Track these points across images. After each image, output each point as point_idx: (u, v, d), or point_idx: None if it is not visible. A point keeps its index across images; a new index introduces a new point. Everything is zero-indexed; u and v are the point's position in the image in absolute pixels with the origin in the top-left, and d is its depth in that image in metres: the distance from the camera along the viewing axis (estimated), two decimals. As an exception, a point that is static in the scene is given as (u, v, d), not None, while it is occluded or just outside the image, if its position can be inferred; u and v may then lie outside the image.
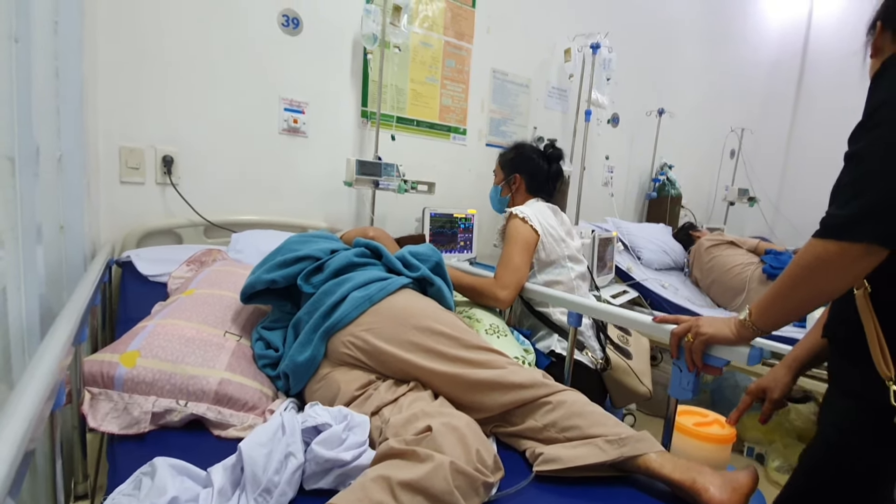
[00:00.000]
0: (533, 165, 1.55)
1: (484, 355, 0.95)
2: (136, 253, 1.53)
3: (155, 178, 1.65)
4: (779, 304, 0.77)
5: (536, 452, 0.86)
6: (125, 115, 1.58)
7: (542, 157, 1.57)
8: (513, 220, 1.43)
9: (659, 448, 0.82)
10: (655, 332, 1.02)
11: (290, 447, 0.73)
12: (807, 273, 0.71)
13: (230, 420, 0.89)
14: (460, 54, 2.39)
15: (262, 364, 1.00)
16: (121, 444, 0.82)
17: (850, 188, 0.66)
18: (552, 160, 1.57)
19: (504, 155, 1.63)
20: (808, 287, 0.72)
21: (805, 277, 0.72)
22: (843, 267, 0.67)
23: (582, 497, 0.79)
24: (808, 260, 0.70)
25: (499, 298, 1.32)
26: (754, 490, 0.77)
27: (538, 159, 1.56)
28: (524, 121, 2.75)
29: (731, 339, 0.86)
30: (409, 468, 0.66)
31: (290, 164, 1.93)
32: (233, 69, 1.75)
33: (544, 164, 1.56)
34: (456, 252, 2.24)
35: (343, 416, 0.81)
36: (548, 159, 1.57)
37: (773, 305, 0.78)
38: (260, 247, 1.47)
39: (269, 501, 0.69)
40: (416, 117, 2.27)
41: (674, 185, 3.47)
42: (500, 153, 1.65)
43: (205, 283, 1.17)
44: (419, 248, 1.19)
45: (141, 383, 0.87)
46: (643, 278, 2.44)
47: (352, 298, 0.98)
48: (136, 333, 0.96)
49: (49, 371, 0.59)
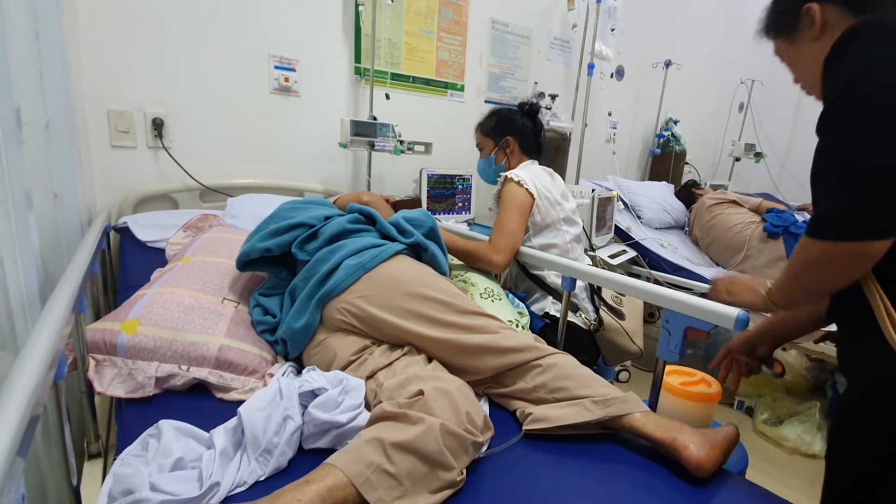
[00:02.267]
0: (519, 124, 1.52)
1: (477, 320, 0.97)
2: (133, 219, 1.54)
3: (146, 141, 1.63)
4: (789, 288, 0.76)
5: (526, 412, 0.89)
6: (111, 78, 1.54)
7: (522, 114, 1.54)
8: (508, 184, 1.42)
9: (643, 408, 0.85)
10: (645, 295, 1.03)
11: (288, 410, 0.76)
12: (802, 271, 0.70)
13: (232, 383, 0.92)
14: (457, 3, 2.28)
15: (261, 330, 1.03)
16: (128, 407, 0.86)
17: (834, 180, 0.62)
18: (532, 115, 1.55)
19: (485, 124, 1.58)
20: (808, 281, 0.71)
21: (801, 274, 0.71)
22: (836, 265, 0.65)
23: (568, 454, 0.83)
24: (801, 259, 0.69)
25: (493, 262, 1.33)
26: (733, 447, 0.81)
27: (520, 118, 1.53)
28: (524, 75, 2.66)
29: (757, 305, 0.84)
30: (402, 430, 0.70)
31: (283, 125, 1.89)
32: (219, 25, 1.68)
33: (527, 121, 1.53)
34: (454, 213, 2.24)
35: (339, 380, 0.84)
36: (529, 115, 1.54)
37: (785, 287, 0.77)
38: (256, 212, 1.47)
39: (270, 460, 0.73)
40: (412, 73, 2.20)
41: (678, 141, 3.39)
42: (478, 124, 1.60)
43: (201, 251, 1.18)
44: (413, 213, 1.18)
45: (143, 350, 0.90)
46: (642, 238, 2.43)
47: (345, 266, 0.99)
48: (135, 301, 0.98)
49: (49, 340, 0.60)
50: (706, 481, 0.77)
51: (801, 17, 0.76)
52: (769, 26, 0.84)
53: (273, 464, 0.72)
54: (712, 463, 0.76)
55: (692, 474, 0.77)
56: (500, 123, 1.55)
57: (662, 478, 0.78)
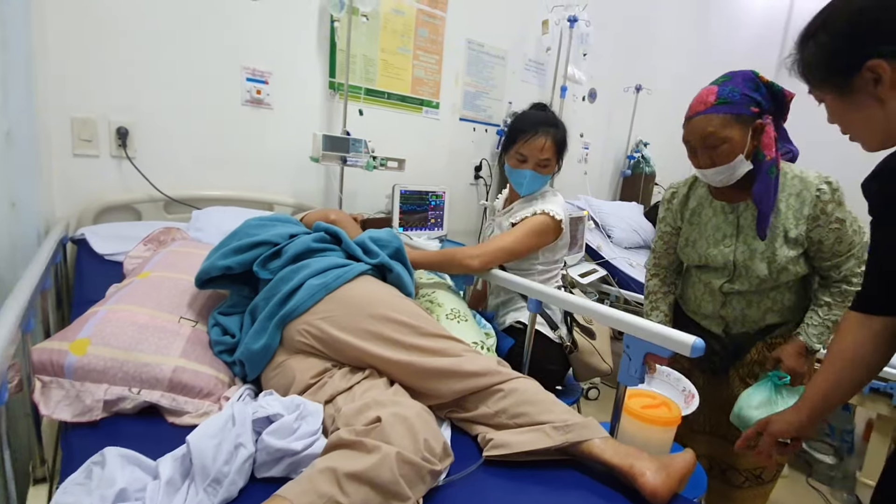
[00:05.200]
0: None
1: (440, 343, 0.96)
2: (93, 230, 1.49)
3: (110, 150, 1.59)
4: None
5: (487, 438, 0.89)
6: (76, 85, 1.50)
7: None
8: (544, 218, 1.35)
9: (603, 434, 0.86)
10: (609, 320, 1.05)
11: (240, 438, 0.74)
12: None
13: (185, 407, 0.89)
14: (434, 23, 2.31)
15: (219, 350, 1.00)
16: (75, 431, 0.82)
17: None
18: None
19: (563, 137, 1.42)
20: None
21: None
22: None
23: (528, 480, 0.83)
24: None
25: (469, 267, 1.30)
26: (689, 473, 0.82)
27: None
28: (500, 94, 2.70)
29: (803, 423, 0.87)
30: (356, 459, 0.68)
31: (254, 138, 1.87)
32: (190, 35, 1.66)
33: None
34: (427, 229, 2.24)
35: (295, 405, 0.82)
36: None
37: None
38: (221, 225, 1.44)
39: (219, 491, 0.70)
40: (387, 89, 2.21)
41: (648, 163, 3.50)
42: (557, 137, 1.41)
43: (160, 266, 1.15)
44: (379, 233, 1.18)
45: (92, 371, 0.86)
46: (612, 257, 2.48)
47: (308, 286, 0.97)
48: (86, 320, 0.94)
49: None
50: (661, 508, 0.78)
51: (862, 72, 0.66)
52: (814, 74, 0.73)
53: (222, 494, 0.70)
54: (667, 490, 0.77)
55: (648, 501, 0.78)
56: (565, 141, 1.45)
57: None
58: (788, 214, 1.15)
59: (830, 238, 1.13)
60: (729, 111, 1.09)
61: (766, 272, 1.18)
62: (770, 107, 1.12)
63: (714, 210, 1.27)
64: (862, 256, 1.13)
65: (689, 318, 1.39)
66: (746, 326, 1.28)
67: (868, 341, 0.80)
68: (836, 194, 1.12)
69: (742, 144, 1.11)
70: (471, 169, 2.64)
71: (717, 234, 1.25)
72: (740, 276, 1.22)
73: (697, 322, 1.36)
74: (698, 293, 1.34)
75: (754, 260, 1.19)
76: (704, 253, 1.27)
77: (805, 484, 2.18)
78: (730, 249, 1.23)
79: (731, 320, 1.29)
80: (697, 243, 1.29)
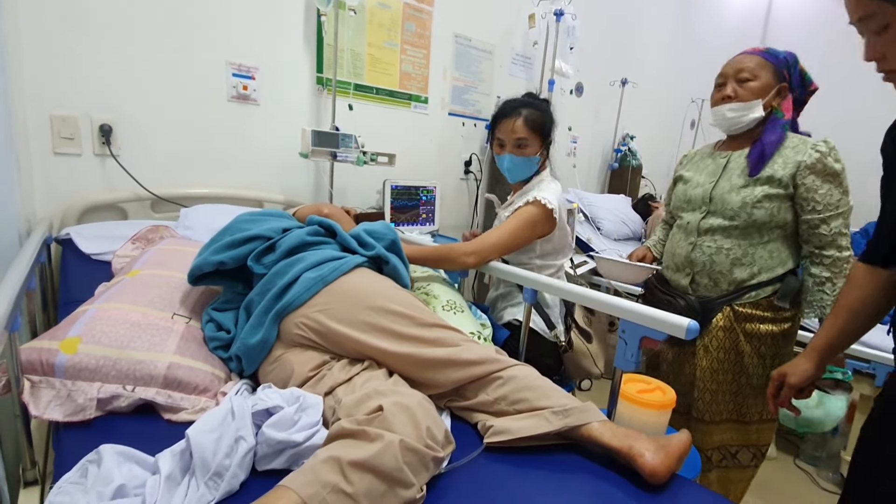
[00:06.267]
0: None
1: (438, 333, 0.96)
2: (77, 230, 1.45)
3: (93, 148, 1.55)
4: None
5: (487, 425, 0.89)
6: (55, 81, 1.46)
7: None
8: (537, 207, 1.32)
9: (601, 417, 0.87)
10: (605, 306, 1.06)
11: (240, 431, 0.73)
12: None
13: (181, 403, 0.88)
14: (421, 17, 2.30)
15: (214, 346, 0.99)
16: (67, 432, 0.80)
17: None
18: None
19: (537, 120, 1.37)
20: None
21: None
22: None
23: (529, 465, 0.84)
24: None
25: (465, 263, 1.30)
26: (686, 453, 0.84)
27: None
28: (488, 88, 2.70)
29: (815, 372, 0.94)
30: (360, 447, 0.68)
31: (241, 134, 1.85)
32: (174, 30, 1.63)
33: None
34: (418, 224, 2.23)
35: (295, 397, 0.82)
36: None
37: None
38: (210, 223, 1.41)
39: (221, 484, 0.70)
40: (375, 84, 2.20)
41: (635, 156, 3.53)
42: (531, 117, 1.36)
43: (150, 264, 1.13)
44: (374, 225, 1.17)
45: (84, 370, 0.85)
46: (602, 249, 2.50)
47: (304, 279, 0.96)
48: (76, 318, 0.92)
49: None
50: (661, 487, 0.79)
51: None
52: None
53: (224, 487, 0.69)
54: (666, 469, 0.78)
55: (647, 481, 0.79)
56: (550, 123, 1.39)
57: (620, 486, 0.80)
58: (778, 160, 1.24)
59: (824, 188, 1.19)
60: (769, 59, 1.26)
61: (739, 204, 1.25)
62: (797, 88, 1.28)
63: (712, 158, 1.39)
64: (849, 218, 1.23)
65: (659, 289, 1.45)
66: (713, 278, 1.32)
67: (874, 293, 0.86)
68: (832, 151, 1.20)
69: (765, 91, 1.25)
70: (461, 164, 2.64)
71: (705, 173, 1.37)
72: (715, 211, 1.31)
73: (668, 278, 1.45)
74: (675, 240, 1.43)
75: (731, 193, 1.27)
76: (691, 192, 1.37)
77: (793, 465, 2.24)
78: (711, 184, 1.33)
79: (699, 269, 1.34)
80: (689, 183, 1.41)
